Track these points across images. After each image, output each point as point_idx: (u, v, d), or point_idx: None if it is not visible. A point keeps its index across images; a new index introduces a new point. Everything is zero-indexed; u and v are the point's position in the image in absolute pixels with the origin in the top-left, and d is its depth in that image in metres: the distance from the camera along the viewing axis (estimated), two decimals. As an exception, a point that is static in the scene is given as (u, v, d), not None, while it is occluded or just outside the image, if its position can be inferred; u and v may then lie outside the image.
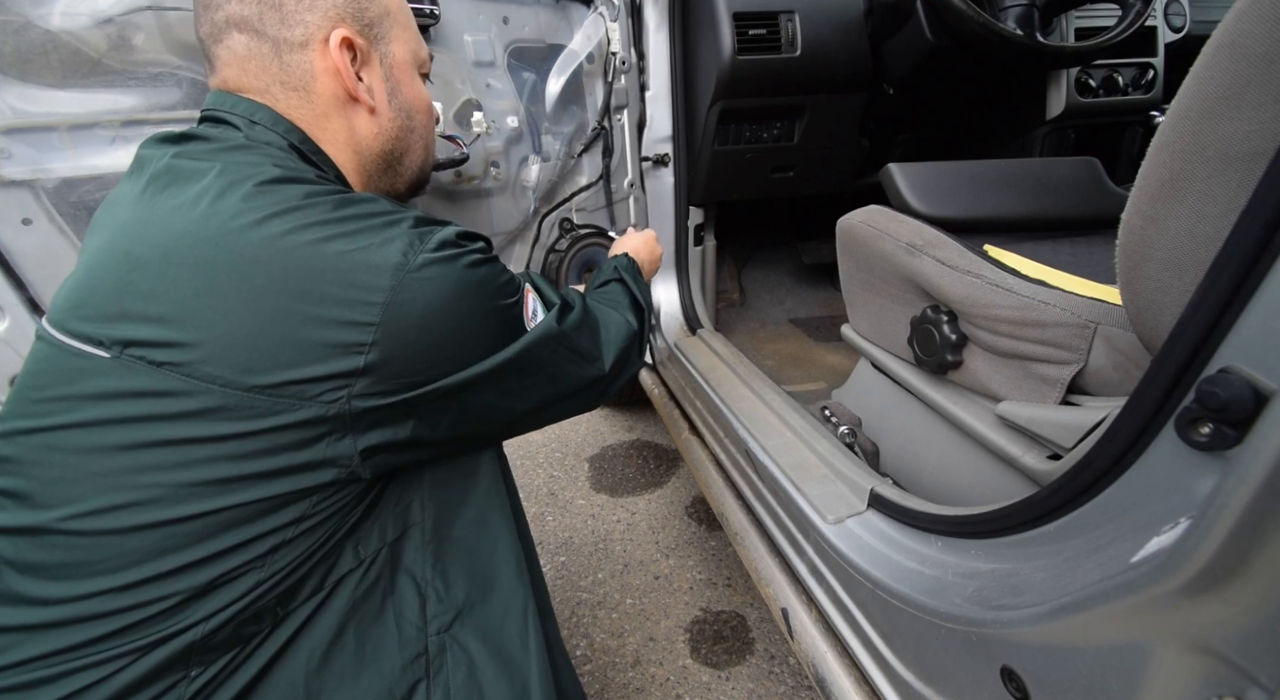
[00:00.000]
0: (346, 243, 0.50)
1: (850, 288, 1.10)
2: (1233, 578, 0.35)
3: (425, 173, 0.77)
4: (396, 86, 0.68)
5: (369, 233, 0.51)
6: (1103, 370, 0.70)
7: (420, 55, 0.72)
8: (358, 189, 0.67)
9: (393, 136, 0.68)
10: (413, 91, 0.70)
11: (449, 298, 0.52)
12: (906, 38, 1.32)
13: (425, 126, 0.73)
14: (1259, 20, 0.43)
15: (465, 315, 0.54)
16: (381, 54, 0.66)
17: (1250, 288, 0.36)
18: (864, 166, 1.65)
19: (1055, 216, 0.98)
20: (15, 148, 0.80)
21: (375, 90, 0.65)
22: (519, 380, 0.61)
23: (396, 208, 0.56)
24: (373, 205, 0.54)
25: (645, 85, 1.40)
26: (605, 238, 1.38)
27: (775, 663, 1.21)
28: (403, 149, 0.70)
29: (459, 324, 0.53)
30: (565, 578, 1.44)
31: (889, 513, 0.81)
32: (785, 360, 1.70)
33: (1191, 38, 1.67)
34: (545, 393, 0.65)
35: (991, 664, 0.56)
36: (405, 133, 0.69)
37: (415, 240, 0.52)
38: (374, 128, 0.66)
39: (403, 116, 0.69)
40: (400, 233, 0.52)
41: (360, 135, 0.65)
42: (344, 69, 0.61)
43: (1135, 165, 0.55)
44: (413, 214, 0.55)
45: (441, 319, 0.52)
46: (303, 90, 0.61)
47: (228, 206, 0.49)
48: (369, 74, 0.65)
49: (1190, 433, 0.40)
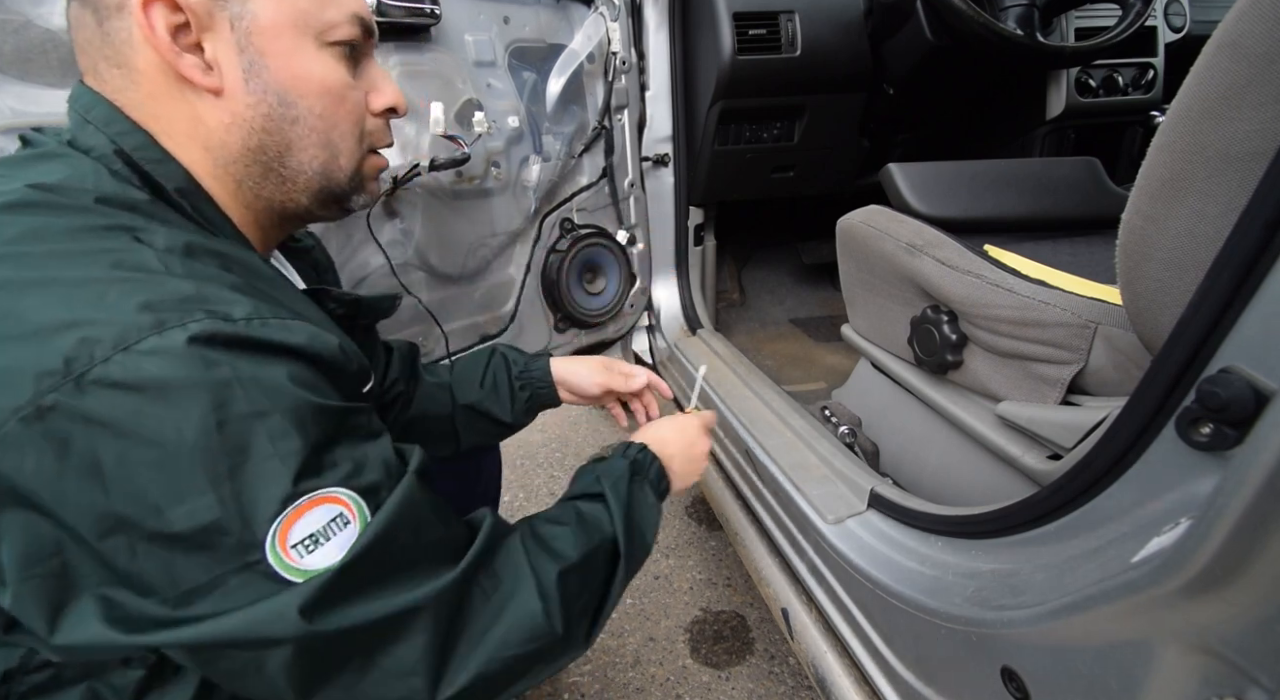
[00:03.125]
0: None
1: (850, 288, 1.10)
2: (1233, 578, 0.35)
3: (337, 180, 0.56)
4: (259, 59, 0.49)
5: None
6: (1103, 370, 0.70)
7: (321, 18, 0.51)
8: (227, 201, 0.52)
9: (255, 128, 0.50)
10: (293, 66, 0.50)
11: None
12: (906, 38, 1.32)
13: (321, 115, 0.52)
14: (1259, 20, 0.43)
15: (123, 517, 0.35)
16: (234, 15, 0.48)
17: (1251, 288, 0.36)
18: (864, 166, 1.65)
19: (1055, 216, 0.98)
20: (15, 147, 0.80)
21: (223, 64, 0.48)
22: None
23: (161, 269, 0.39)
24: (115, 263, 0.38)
25: (645, 85, 1.40)
26: (606, 238, 1.38)
27: (775, 663, 1.21)
28: (279, 145, 0.52)
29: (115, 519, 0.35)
30: (565, 578, 1.44)
31: (889, 513, 0.81)
32: (785, 360, 1.70)
33: (1191, 38, 1.67)
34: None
35: (992, 664, 0.56)
36: (277, 123, 0.51)
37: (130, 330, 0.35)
38: (224, 117, 0.49)
39: (270, 100, 0.50)
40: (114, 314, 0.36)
41: (208, 127, 0.49)
42: (154, 36, 0.45)
43: (1135, 165, 0.55)
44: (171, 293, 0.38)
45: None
46: (124, 66, 0.47)
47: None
48: (213, 43, 0.48)
49: (1191, 433, 0.40)
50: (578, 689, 1.17)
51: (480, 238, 1.21)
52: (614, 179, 1.39)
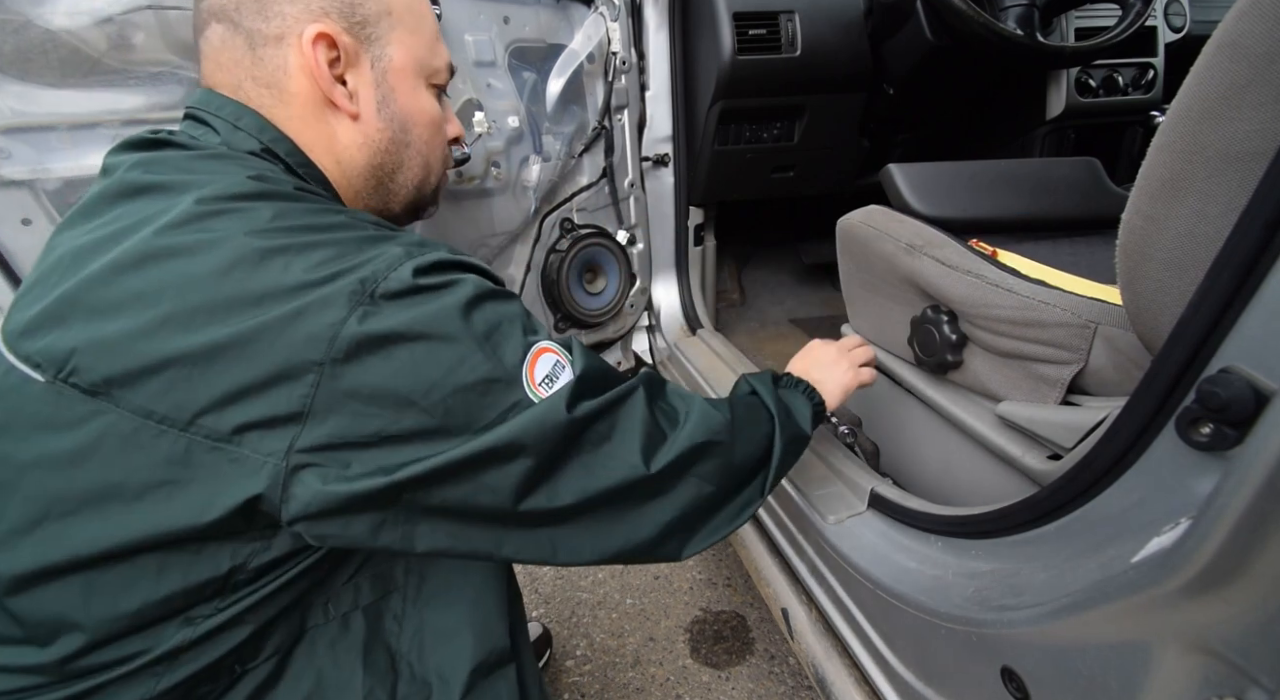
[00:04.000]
0: (298, 260, 0.45)
1: (850, 288, 1.10)
2: (1233, 578, 0.35)
3: (425, 194, 0.69)
4: (390, 94, 0.60)
5: (341, 254, 0.46)
6: (1103, 370, 0.70)
7: (431, 65, 0.64)
8: (347, 205, 0.62)
9: (380, 149, 0.61)
10: (411, 102, 0.62)
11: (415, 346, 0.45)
12: (906, 38, 1.32)
13: (426, 142, 0.65)
14: (1259, 20, 0.43)
15: (433, 375, 0.45)
16: (375, 57, 0.59)
17: (1251, 288, 0.36)
18: (864, 166, 1.65)
19: (1055, 216, 0.98)
20: (15, 148, 0.80)
21: (361, 96, 0.59)
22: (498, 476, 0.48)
23: (382, 228, 0.52)
24: (349, 225, 0.49)
25: (645, 85, 1.40)
26: (606, 238, 1.38)
27: (775, 663, 1.21)
28: (394, 164, 0.63)
29: (427, 385, 0.45)
30: (565, 578, 1.44)
31: (889, 513, 0.81)
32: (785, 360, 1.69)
33: (1191, 38, 1.67)
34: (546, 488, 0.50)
35: (992, 664, 0.56)
36: (397, 147, 0.62)
37: (393, 264, 0.46)
38: (357, 137, 0.60)
39: (394, 128, 0.62)
40: (380, 254, 0.47)
41: (342, 144, 0.59)
42: (317, 68, 0.55)
43: (1135, 165, 0.55)
44: (404, 237, 0.50)
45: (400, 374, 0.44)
46: (275, 87, 0.55)
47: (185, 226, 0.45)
48: (356, 77, 0.58)
49: (1190, 433, 0.40)
50: (578, 689, 1.18)
51: (480, 237, 1.21)
52: (614, 179, 1.39)
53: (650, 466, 0.53)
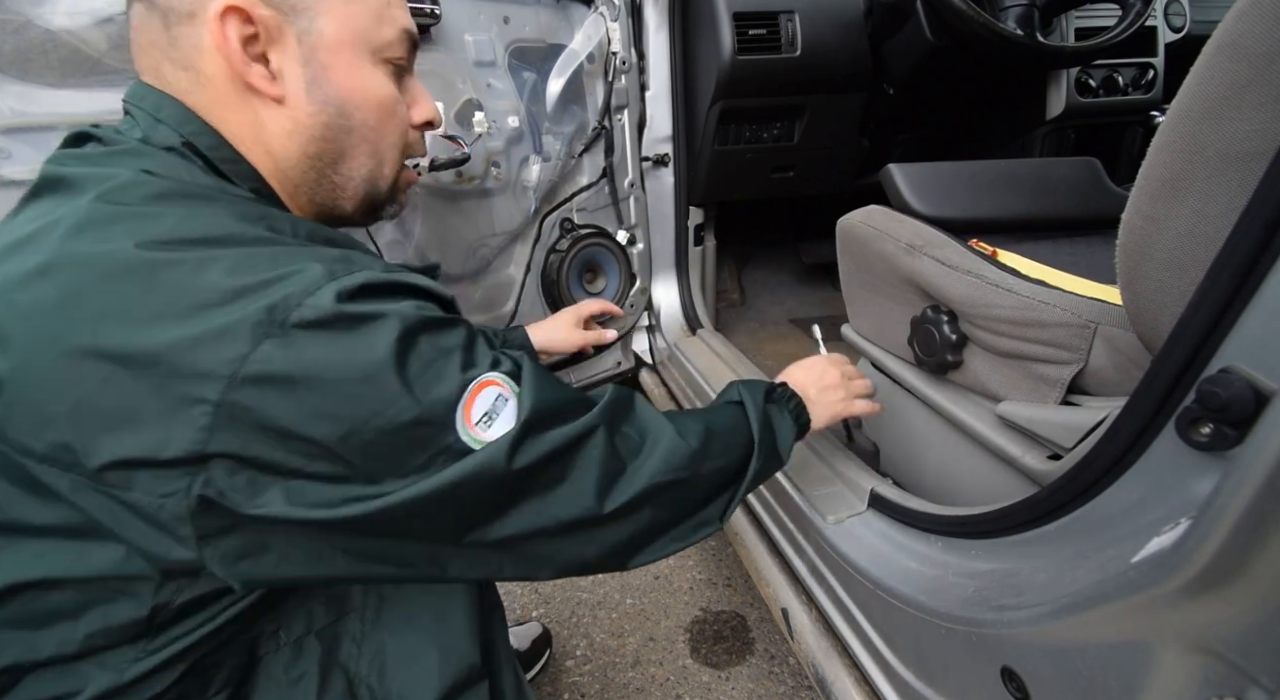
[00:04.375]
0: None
1: (850, 288, 1.10)
2: (1233, 578, 0.35)
3: (379, 188, 0.60)
4: (321, 73, 0.52)
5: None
6: (1103, 370, 0.70)
7: (379, 37, 0.55)
8: (286, 203, 0.56)
9: (315, 136, 0.53)
10: (350, 81, 0.54)
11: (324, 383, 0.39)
12: (906, 38, 1.32)
13: (373, 127, 0.56)
14: (1259, 20, 0.43)
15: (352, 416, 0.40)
16: (301, 30, 0.51)
17: (1251, 288, 0.36)
18: (864, 166, 1.65)
19: (1055, 216, 0.98)
20: (15, 148, 0.80)
21: (287, 76, 0.51)
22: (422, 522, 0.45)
23: (311, 239, 0.47)
24: (264, 239, 0.44)
25: (645, 85, 1.40)
26: (606, 238, 1.38)
27: (775, 663, 1.21)
28: (334, 153, 0.55)
29: (345, 431, 0.40)
30: (565, 577, 1.44)
31: (889, 513, 0.81)
32: (785, 360, 1.69)
33: (1191, 38, 1.67)
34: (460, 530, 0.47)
35: (991, 664, 0.56)
36: (335, 133, 0.54)
37: (311, 286, 0.40)
38: (285, 124, 0.52)
39: (329, 112, 0.53)
40: (296, 272, 0.41)
41: (271, 132, 0.52)
42: (228, 46, 0.48)
43: (1135, 165, 0.55)
44: (327, 252, 0.44)
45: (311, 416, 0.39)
46: (193, 70, 0.49)
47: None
48: (279, 55, 0.51)
49: (1191, 433, 0.40)
50: (578, 689, 1.18)
51: (480, 237, 1.21)
52: (614, 179, 1.39)
53: (604, 507, 0.50)
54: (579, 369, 1.47)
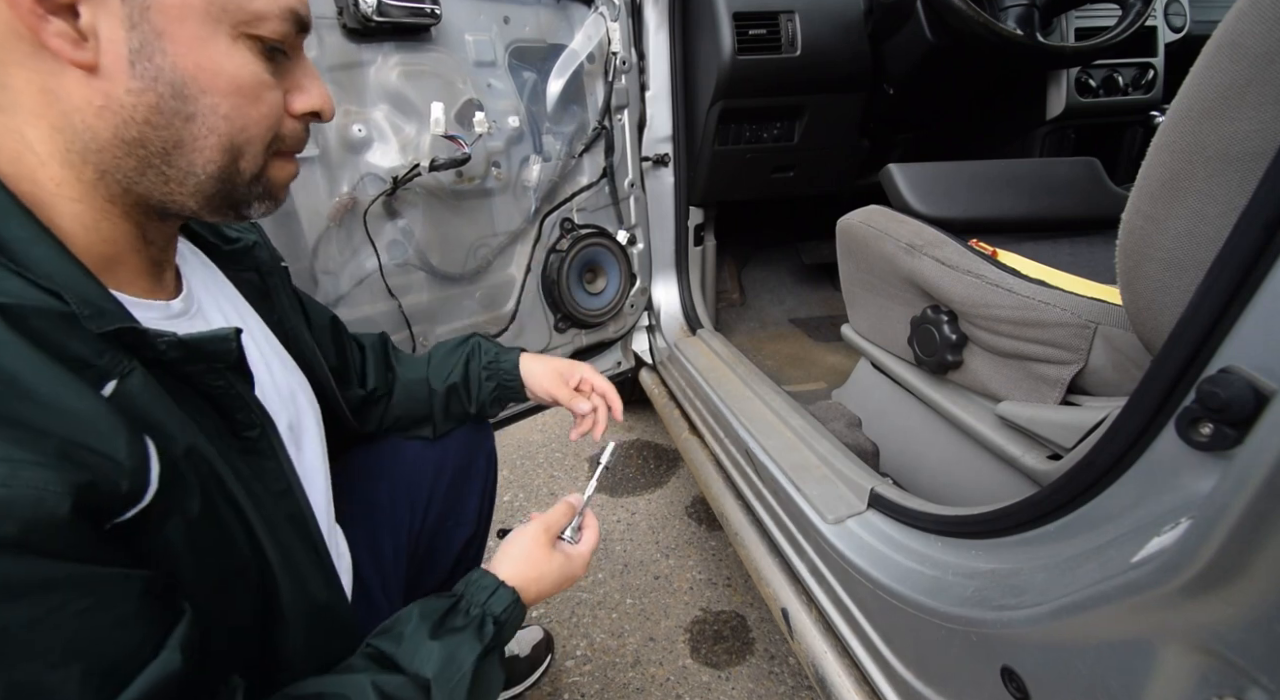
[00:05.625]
0: None
1: (850, 288, 1.10)
2: (1233, 578, 0.35)
3: (237, 185, 0.48)
4: (153, 41, 0.41)
5: None
6: (1103, 370, 0.70)
7: (244, 8, 0.44)
8: (78, 194, 0.43)
9: (136, 118, 0.42)
10: (197, 57, 0.42)
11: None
12: (906, 37, 1.32)
13: (227, 116, 0.45)
14: (1259, 20, 0.43)
15: None
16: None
17: (1250, 288, 0.36)
18: (864, 166, 1.65)
19: (1055, 216, 0.98)
20: None
21: (103, 37, 0.39)
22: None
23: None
24: None
25: (645, 85, 1.40)
26: (606, 238, 1.38)
27: (775, 663, 1.21)
28: (164, 141, 0.43)
29: None
30: (565, 578, 1.44)
31: (889, 513, 0.81)
32: (785, 360, 1.70)
33: (1191, 38, 1.67)
34: None
35: (992, 664, 0.56)
36: (168, 118, 0.43)
37: None
38: (94, 97, 0.40)
39: (161, 90, 0.42)
40: None
41: (65, 105, 0.40)
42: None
43: (1135, 165, 0.55)
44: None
45: None
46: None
47: None
48: (93, 9, 0.39)
49: (1191, 433, 0.40)
50: (578, 689, 1.18)
51: (481, 238, 1.21)
52: (614, 179, 1.39)
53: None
54: (579, 369, 1.47)
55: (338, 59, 0.95)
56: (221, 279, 0.60)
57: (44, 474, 0.32)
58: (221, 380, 0.46)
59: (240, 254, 0.62)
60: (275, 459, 0.51)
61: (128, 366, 0.39)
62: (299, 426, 0.62)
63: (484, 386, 0.88)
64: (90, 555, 0.34)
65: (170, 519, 0.39)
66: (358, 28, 0.94)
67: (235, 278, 0.61)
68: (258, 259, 0.64)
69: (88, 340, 0.38)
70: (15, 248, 0.38)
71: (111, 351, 0.39)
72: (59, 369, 0.35)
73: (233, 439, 0.48)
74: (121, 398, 0.38)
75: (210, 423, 0.46)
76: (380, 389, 0.83)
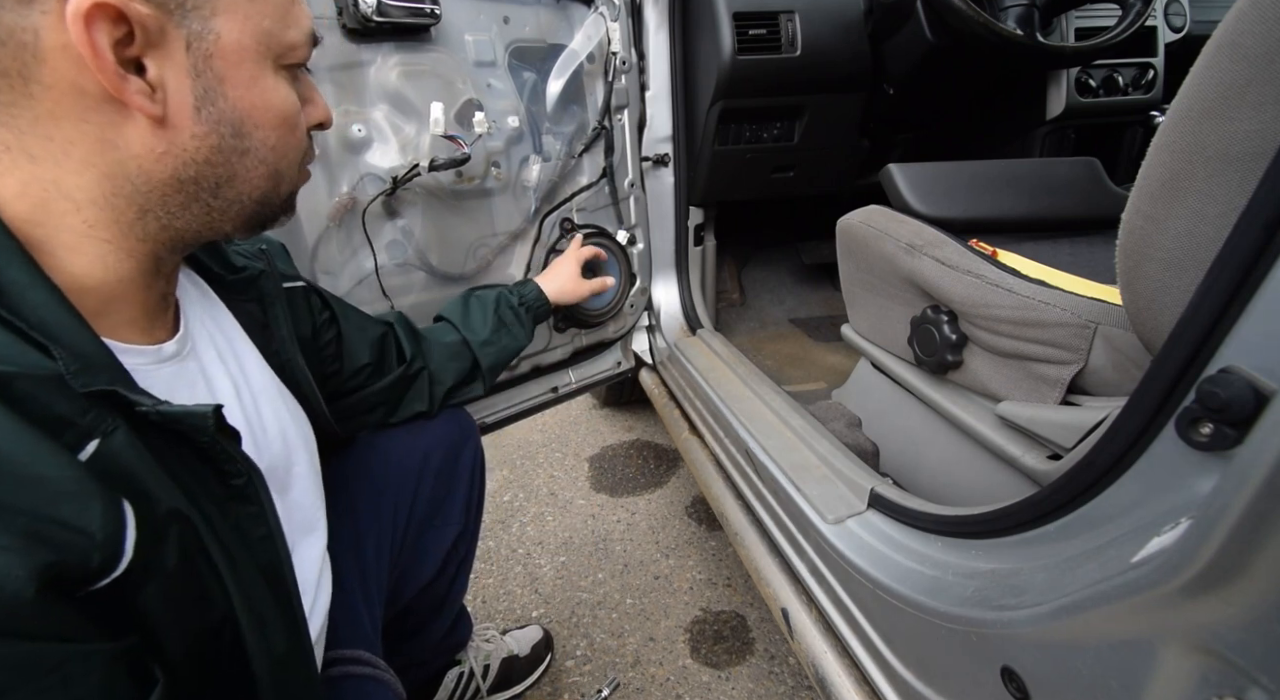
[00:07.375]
0: None
1: (850, 288, 1.10)
2: (1233, 578, 0.35)
3: (272, 206, 0.51)
4: (216, 87, 0.43)
5: None
6: (1103, 370, 0.70)
7: (283, 40, 0.46)
8: (106, 232, 0.43)
9: (197, 160, 0.44)
10: (252, 97, 0.45)
11: None
12: (906, 37, 1.32)
13: (273, 147, 0.48)
14: (1259, 20, 0.43)
15: None
16: (191, 34, 0.41)
17: (1250, 288, 0.36)
18: (864, 166, 1.65)
19: (1055, 216, 0.98)
20: None
21: (170, 89, 0.41)
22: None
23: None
24: None
25: (645, 85, 1.40)
26: (606, 238, 1.38)
27: (775, 663, 1.21)
28: (219, 178, 0.46)
29: None
30: (565, 578, 1.44)
31: (889, 513, 0.81)
32: (785, 360, 1.70)
33: (1191, 38, 1.67)
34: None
35: (992, 664, 0.56)
36: (225, 156, 0.45)
37: None
38: (155, 145, 0.42)
39: (221, 133, 0.44)
40: None
41: (123, 153, 0.41)
42: (93, 50, 0.37)
43: (1135, 165, 0.55)
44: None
45: None
46: (14, 76, 0.37)
47: None
48: (160, 63, 0.40)
49: (1191, 433, 0.40)
50: (578, 689, 1.18)
51: (480, 238, 1.21)
52: (614, 179, 1.38)
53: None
54: (579, 369, 1.47)
55: (337, 59, 0.95)
56: (221, 310, 0.60)
57: (8, 558, 0.31)
58: (207, 437, 0.45)
59: (244, 284, 0.63)
60: (259, 504, 0.50)
61: (111, 425, 0.38)
62: (288, 465, 0.61)
63: (525, 321, 1.05)
64: (57, 632, 0.33)
65: (148, 583, 0.38)
66: (357, 28, 0.94)
67: (236, 308, 0.62)
68: (262, 290, 0.64)
69: (73, 398, 0.37)
70: (11, 291, 0.38)
71: (96, 410, 0.38)
72: (37, 435, 0.34)
73: (220, 487, 0.47)
74: (103, 459, 0.37)
75: (196, 473, 0.45)
76: (417, 359, 0.88)
